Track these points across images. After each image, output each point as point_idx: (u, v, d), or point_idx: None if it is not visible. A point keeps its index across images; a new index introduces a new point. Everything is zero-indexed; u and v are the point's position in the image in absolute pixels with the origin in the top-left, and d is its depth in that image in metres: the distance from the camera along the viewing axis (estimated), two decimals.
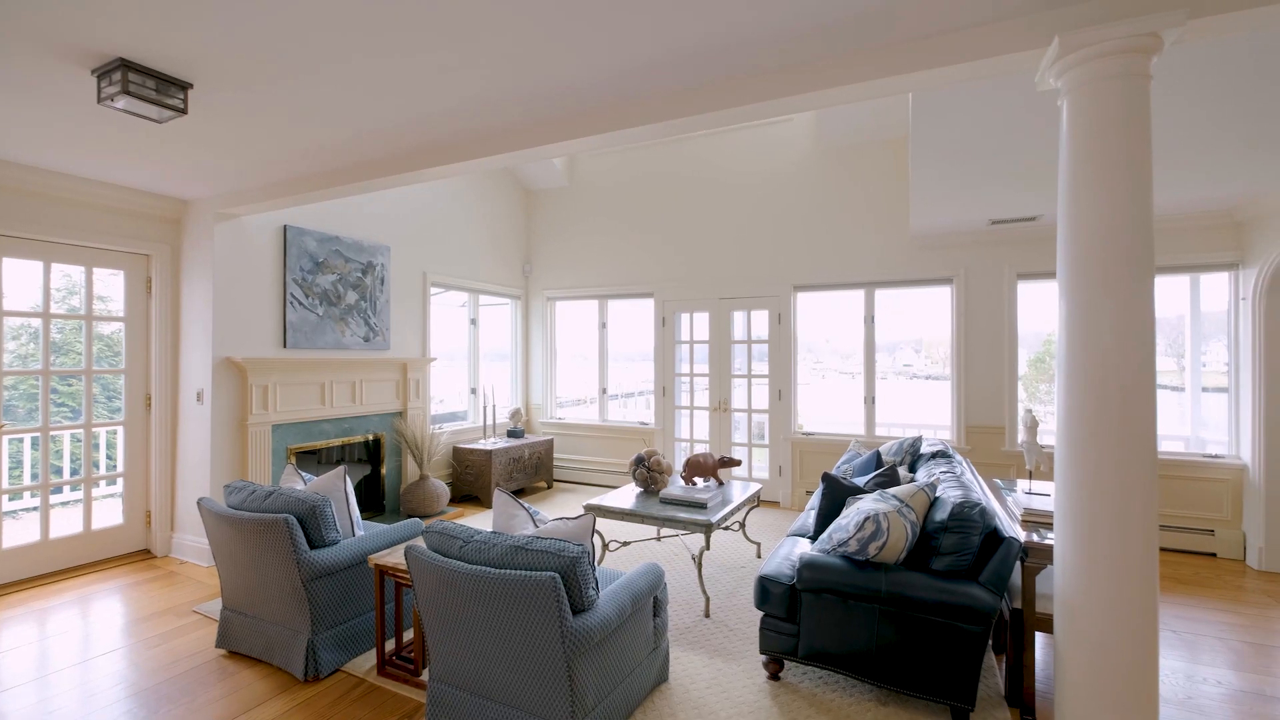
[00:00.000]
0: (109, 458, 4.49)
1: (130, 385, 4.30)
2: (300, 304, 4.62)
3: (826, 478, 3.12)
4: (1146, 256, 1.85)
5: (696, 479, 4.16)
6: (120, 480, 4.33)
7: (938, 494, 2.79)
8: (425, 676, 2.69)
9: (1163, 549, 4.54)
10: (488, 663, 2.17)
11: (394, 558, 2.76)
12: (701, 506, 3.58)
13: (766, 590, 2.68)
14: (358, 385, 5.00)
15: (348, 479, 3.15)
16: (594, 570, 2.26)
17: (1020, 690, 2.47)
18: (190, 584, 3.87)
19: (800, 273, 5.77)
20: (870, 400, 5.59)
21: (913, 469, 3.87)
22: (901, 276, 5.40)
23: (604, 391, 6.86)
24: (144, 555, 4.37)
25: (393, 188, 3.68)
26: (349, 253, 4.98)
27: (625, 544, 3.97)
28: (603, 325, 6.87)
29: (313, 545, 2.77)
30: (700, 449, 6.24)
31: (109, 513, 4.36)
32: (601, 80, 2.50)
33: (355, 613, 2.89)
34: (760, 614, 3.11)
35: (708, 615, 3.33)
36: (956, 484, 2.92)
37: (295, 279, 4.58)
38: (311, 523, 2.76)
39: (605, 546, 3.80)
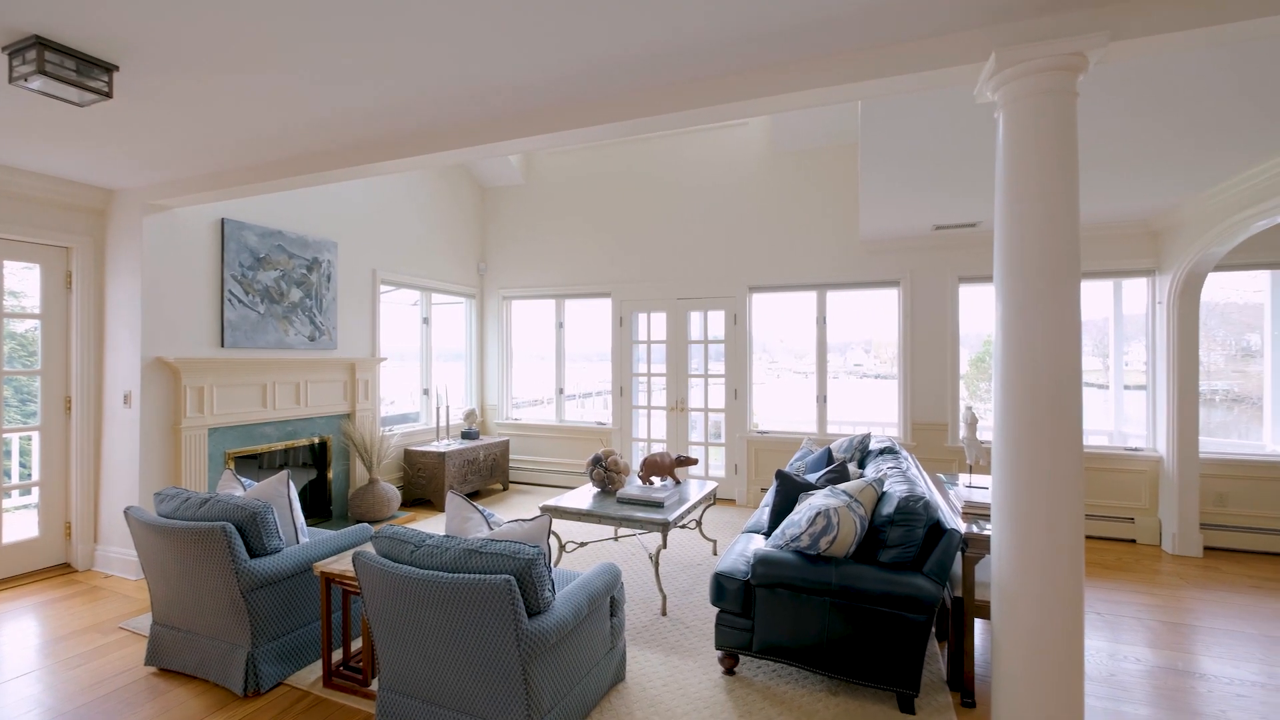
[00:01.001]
0: (23, 465, 4.16)
1: (47, 387, 4.00)
2: (240, 301, 4.40)
3: (780, 475, 3.19)
4: (1073, 262, 1.97)
5: (654, 478, 4.18)
6: (36, 490, 4.02)
7: (885, 489, 2.89)
8: (375, 686, 2.60)
9: (1088, 536, 4.84)
10: (440, 669, 2.12)
11: (341, 565, 2.66)
12: (658, 506, 3.60)
13: (722, 587, 2.72)
14: (302, 386, 4.80)
15: (291, 484, 3.02)
16: (550, 572, 2.24)
17: (961, 674, 2.59)
18: (116, 599, 3.63)
19: (755, 274, 5.87)
20: (822, 399, 5.75)
21: (862, 465, 3.99)
22: (852, 279, 5.57)
23: (561, 392, 6.81)
24: (64, 570, 4.07)
25: (339, 182, 3.55)
26: (293, 248, 4.77)
27: (582, 544, 3.95)
28: (560, 325, 6.82)
29: (253, 554, 2.64)
30: (657, 448, 6.28)
31: (23, 525, 4.04)
32: (555, 79, 2.48)
33: (300, 623, 2.78)
34: (716, 610, 3.15)
35: (665, 613, 3.35)
36: (902, 479, 3.03)
37: (234, 275, 4.36)
38: (251, 530, 2.63)
39: (562, 548, 3.78)
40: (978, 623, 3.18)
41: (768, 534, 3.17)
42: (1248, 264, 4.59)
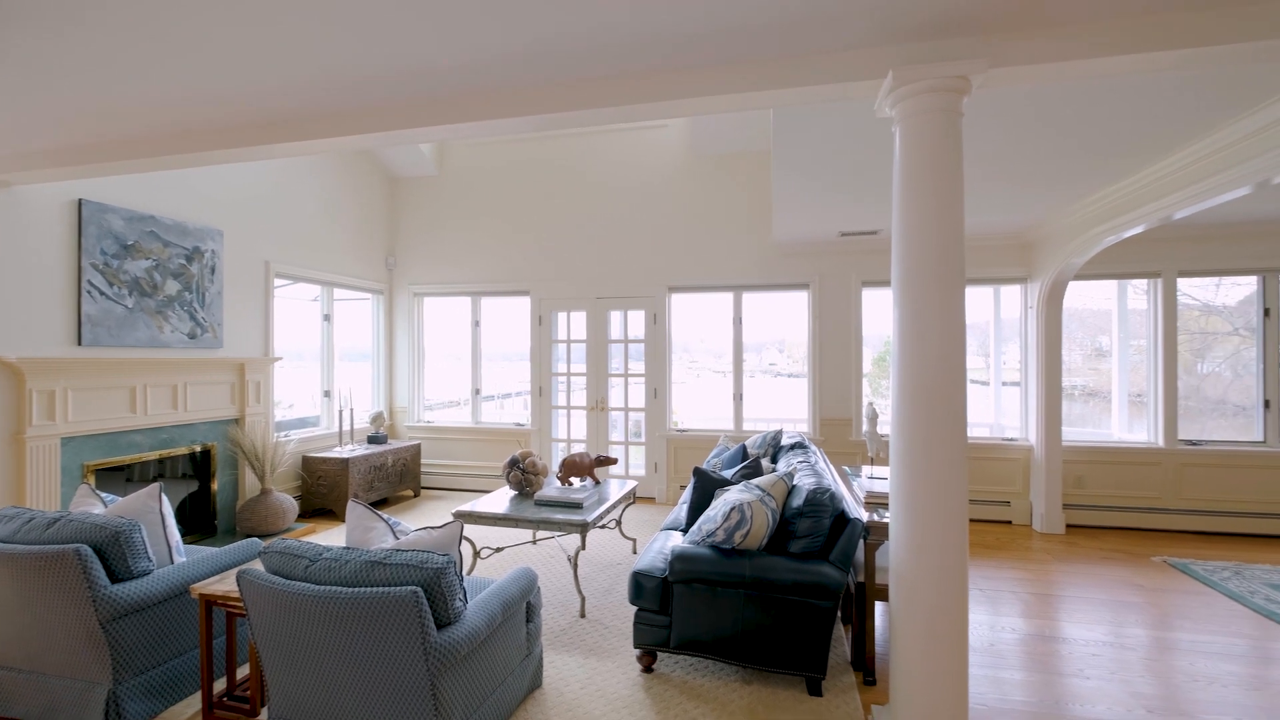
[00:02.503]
0: None
1: None
2: (102, 294, 3.89)
3: (697, 472, 3.24)
4: (959, 269, 2.13)
5: (573, 479, 4.13)
6: None
7: (795, 482, 3.01)
8: (264, 716, 2.38)
9: (971, 520, 5.30)
10: (339, 692, 1.98)
11: (225, 585, 2.42)
12: (577, 507, 3.55)
13: (640, 585, 2.72)
14: (181, 389, 4.33)
15: (164, 498, 2.71)
16: (461, 580, 2.14)
17: (863, 655, 2.75)
18: None
19: (675, 274, 5.96)
20: (738, 397, 5.92)
21: (774, 460, 4.15)
22: (766, 281, 5.79)
23: (477, 392, 6.59)
24: None
25: (222, 164, 3.23)
26: (169, 235, 4.29)
27: (498, 550, 3.83)
28: (476, 323, 6.60)
29: (115, 579, 2.34)
30: (578, 449, 6.22)
31: None
32: (468, 65, 2.38)
33: (174, 652, 2.49)
34: (635, 609, 3.15)
35: (584, 615, 3.31)
36: (811, 472, 3.17)
37: (95, 264, 3.86)
38: (114, 552, 2.33)
39: (476, 554, 3.64)
40: (878, 605, 3.39)
41: (685, 530, 3.22)
42: (1100, 274, 5.21)
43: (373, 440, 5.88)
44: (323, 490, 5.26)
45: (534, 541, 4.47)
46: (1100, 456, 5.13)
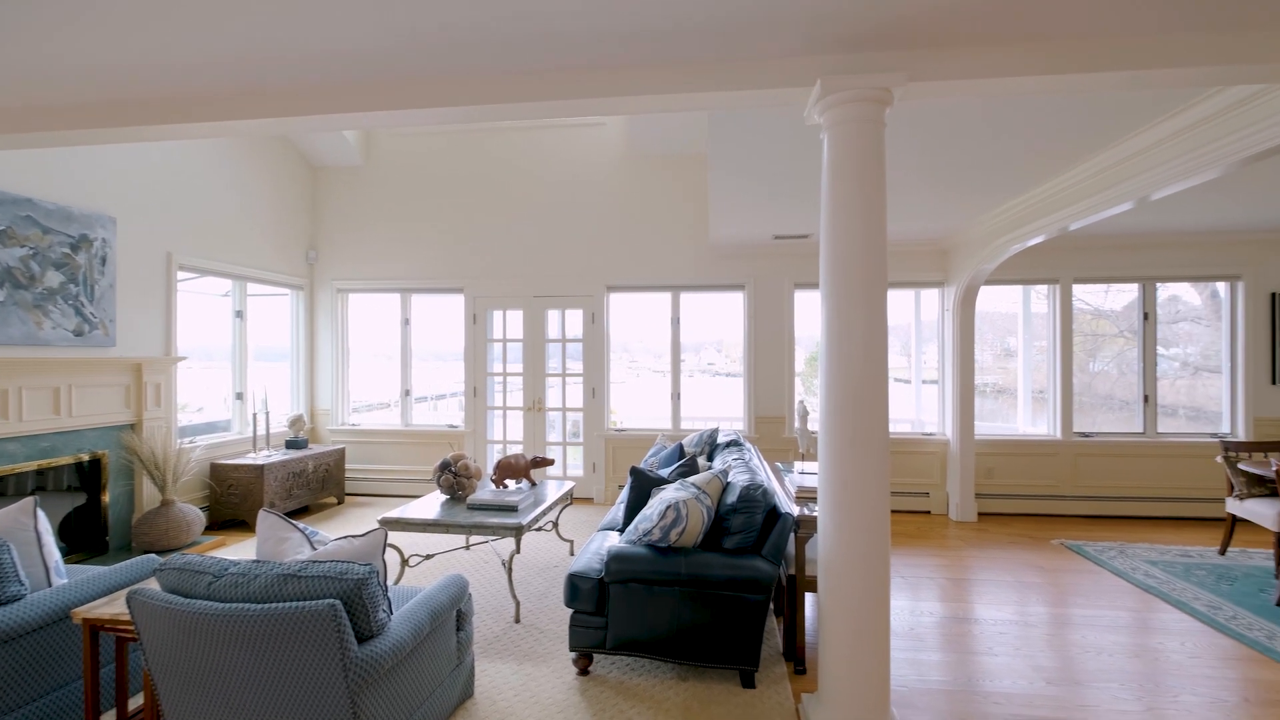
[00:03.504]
0: None
1: None
2: None
3: (634, 471, 3.24)
4: (882, 273, 2.23)
5: (508, 481, 4.03)
6: None
7: (730, 479, 3.06)
8: None
9: (894, 511, 5.59)
10: (246, 718, 1.83)
11: (114, 607, 2.19)
12: (512, 509, 3.47)
13: (576, 587, 2.69)
14: (65, 392, 3.90)
15: (40, 513, 2.43)
16: (386, 591, 2.04)
17: (794, 645, 2.83)
18: None
19: (613, 274, 5.94)
20: (676, 396, 5.98)
21: (711, 458, 4.21)
22: (703, 281, 5.87)
23: (408, 393, 6.33)
24: None
25: (113, 144, 2.93)
26: (50, 221, 3.86)
27: (428, 557, 3.69)
28: (406, 322, 6.33)
29: None
30: (514, 450, 6.09)
31: None
32: (389, 49, 2.27)
33: (54, 685, 2.24)
34: (571, 612, 3.11)
35: (518, 621, 3.24)
36: (745, 469, 3.24)
37: None
38: None
39: (405, 562, 3.49)
40: (808, 597, 3.50)
41: (622, 530, 3.21)
42: (1007, 280, 5.61)
43: (292, 445, 5.53)
44: (234, 500, 4.89)
45: (467, 547, 4.33)
46: (1007, 449, 5.53)
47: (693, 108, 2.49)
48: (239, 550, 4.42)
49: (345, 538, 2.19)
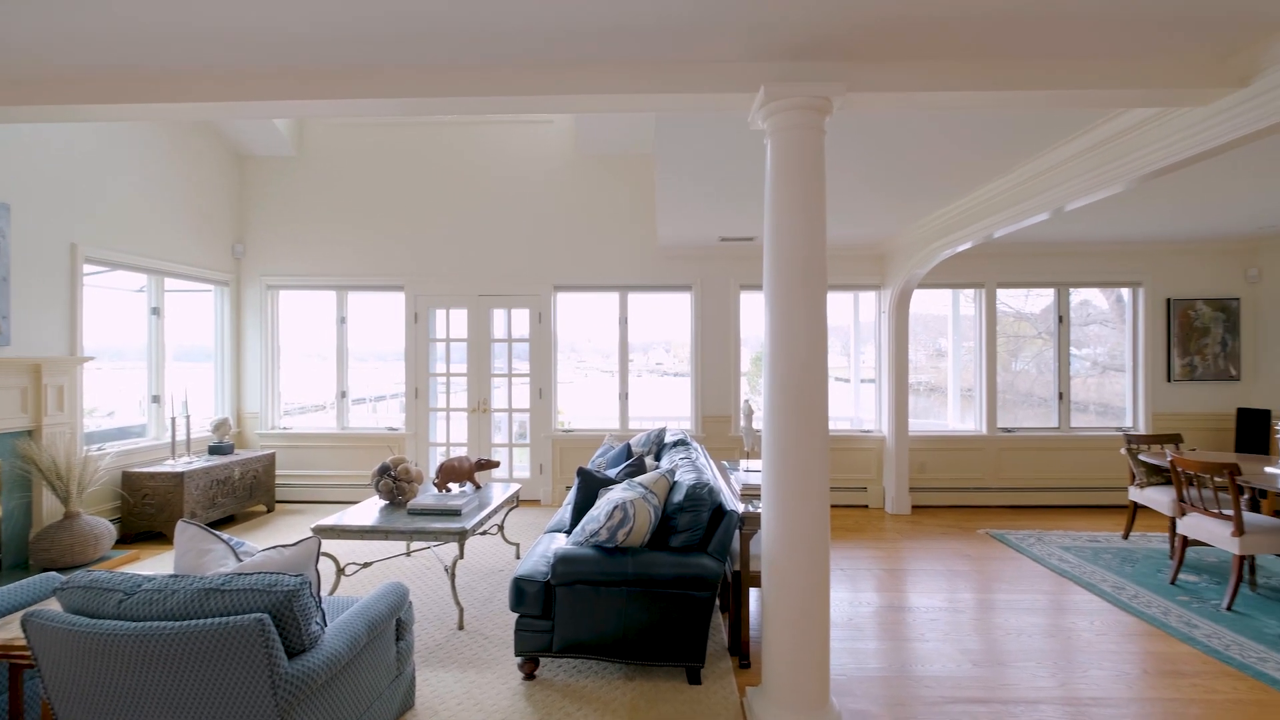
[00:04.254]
0: None
1: None
2: None
3: (581, 472, 3.22)
4: (822, 275, 2.30)
5: (451, 485, 3.93)
6: None
7: (677, 478, 3.08)
8: None
9: (833, 505, 5.79)
10: None
11: (7, 632, 2.00)
12: (455, 514, 3.38)
13: (521, 591, 2.64)
14: None
15: None
16: (319, 602, 1.94)
17: (739, 640, 2.88)
18: None
19: (560, 273, 5.89)
20: (624, 396, 5.99)
21: (658, 457, 4.24)
22: (651, 282, 5.90)
23: (344, 395, 6.06)
24: None
25: (4, 123, 2.68)
26: None
27: (366, 565, 3.54)
28: (342, 320, 6.07)
29: None
30: (458, 453, 5.94)
31: None
32: (327, 38, 2.17)
33: None
34: (516, 616, 3.06)
35: (462, 627, 3.16)
36: (692, 468, 3.27)
37: None
38: None
39: (341, 571, 3.34)
40: (753, 592, 3.57)
41: (569, 531, 3.18)
42: (938, 284, 5.92)
43: (216, 451, 5.20)
44: (150, 511, 4.55)
45: (408, 554, 4.19)
46: (939, 444, 5.82)
47: (639, 109, 2.50)
48: (155, 565, 4.11)
49: (275, 548, 2.08)
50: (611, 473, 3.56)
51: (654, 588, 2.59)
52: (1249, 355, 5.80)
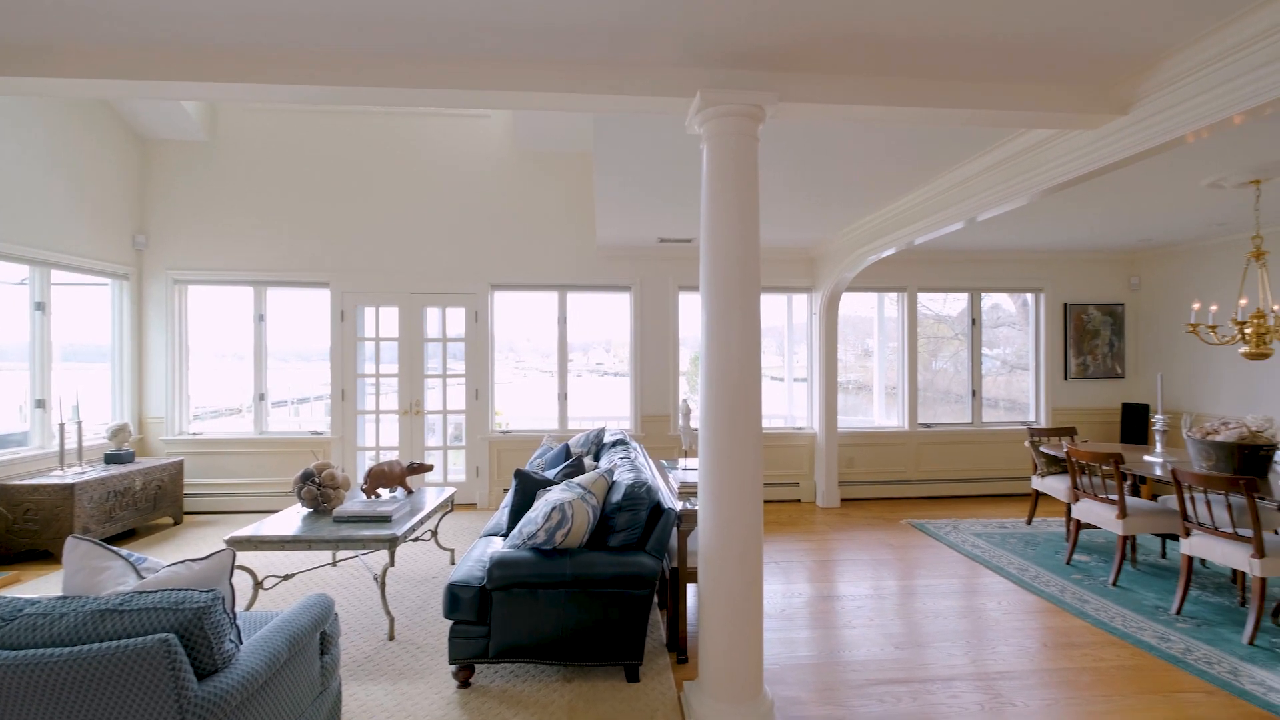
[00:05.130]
0: None
1: None
2: None
3: (519, 474, 3.17)
4: (755, 277, 2.37)
5: (381, 490, 3.77)
6: None
7: (615, 478, 3.09)
8: None
9: (766, 500, 5.97)
10: None
11: None
12: (385, 520, 3.25)
13: (456, 597, 2.58)
14: None
15: None
16: (233, 618, 1.82)
17: (677, 636, 2.92)
18: None
19: (498, 271, 5.77)
20: (563, 397, 5.94)
21: (597, 458, 4.23)
22: (591, 282, 5.88)
23: (262, 398, 5.70)
24: None
25: None
26: None
27: (287, 577, 3.35)
28: (260, 318, 5.70)
29: None
30: (390, 456, 5.71)
31: None
32: (240, 15, 2.03)
33: None
34: (451, 623, 2.98)
35: (392, 638, 3.04)
36: (631, 468, 3.29)
37: None
38: None
39: (259, 585, 3.14)
40: (690, 588, 3.64)
41: (506, 535, 3.13)
42: (865, 287, 6.22)
43: (114, 459, 4.76)
44: (32, 528, 4.11)
45: (334, 564, 3.99)
46: (865, 440, 6.12)
47: (576, 109, 2.49)
48: (40, 587, 3.72)
49: (183, 562, 1.93)
50: (550, 474, 3.52)
51: (592, 588, 2.59)
52: (1132, 355, 6.43)
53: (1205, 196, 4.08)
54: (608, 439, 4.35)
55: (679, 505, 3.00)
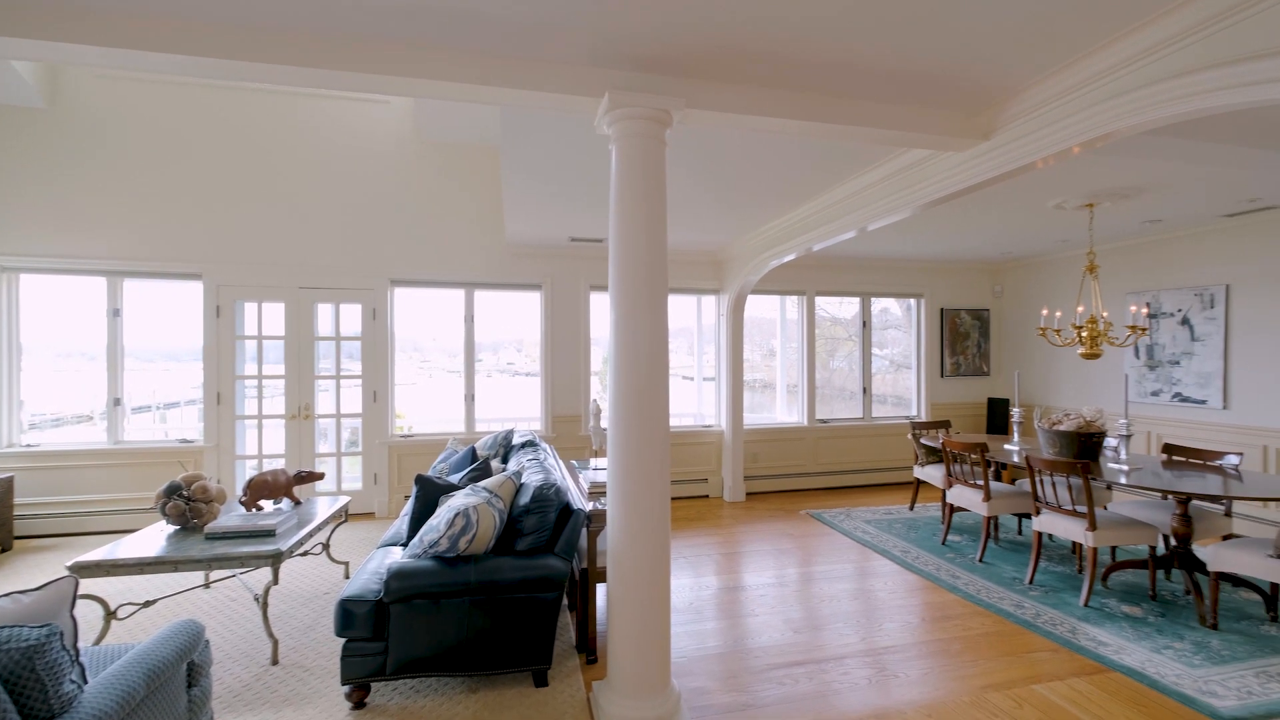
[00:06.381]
0: None
1: None
2: None
3: (420, 479, 3.03)
4: (662, 279, 2.40)
5: (264, 502, 3.46)
6: None
7: (523, 480, 3.03)
8: None
9: (676, 497, 6.11)
10: None
11: None
12: (268, 535, 2.98)
13: (349, 613, 2.41)
14: None
15: None
16: (75, 655, 1.60)
17: (586, 637, 2.91)
18: None
19: (399, 267, 5.48)
20: (470, 398, 5.74)
21: (506, 460, 4.13)
22: (499, 280, 5.73)
23: (118, 403, 5.04)
24: None
25: None
26: None
27: (148, 604, 2.97)
28: (115, 313, 5.04)
29: None
30: (277, 465, 5.25)
31: None
32: None
33: None
34: (344, 641, 2.79)
35: (276, 662, 2.79)
36: (540, 469, 3.24)
37: None
38: None
39: (111, 615, 2.76)
40: (600, 588, 3.63)
41: (406, 544, 2.97)
42: (769, 290, 6.51)
43: None
44: None
45: (207, 585, 3.61)
46: (769, 436, 6.42)
47: (481, 101, 2.41)
48: None
49: (10, 595, 1.66)
50: (454, 478, 3.39)
51: (499, 594, 2.52)
52: (996, 355, 7.20)
53: (1052, 216, 4.65)
54: (517, 440, 4.26)
55: (589, 505, 3.00)
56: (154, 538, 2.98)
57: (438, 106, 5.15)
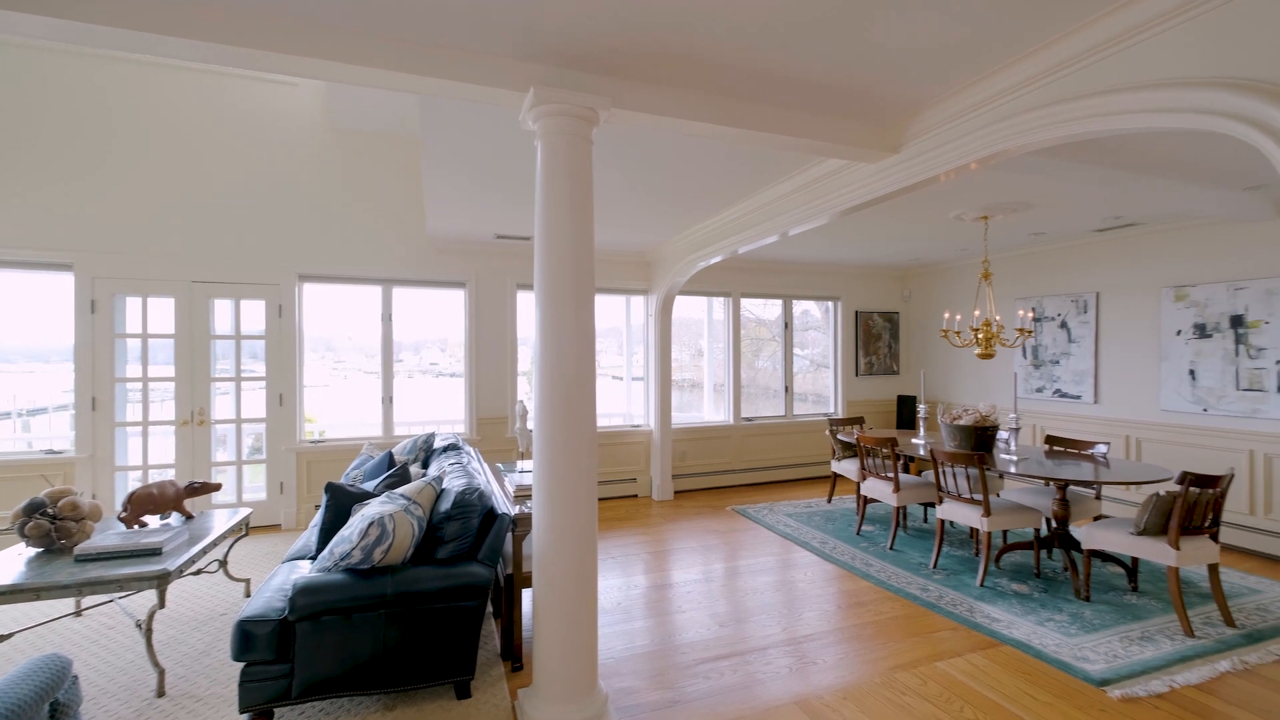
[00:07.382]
0: None
1: None
2: None
3: (330, 488, 2.84)
4: (589, 278, 2.38)
5: (149, 518, 3.13)
6: None
7: (444, 485, 2.91)
8: None
9: (605, 497, 6.10)
10: None
11: None
12: (153, 554, 2.70)
13: (249, 634, 2.22)
14: None
15: None
16: None
17: (512, 644, 2.84)
18: None
19: (308, 261, 5.13)
20: (388, 400, 5.47)
21: (426, 465, 3.96)
22: (420, 276, 5.49)
23: None
24: None
25: None
26: None
27: (4, 638, 2.62)
28: None
29: None
30: (166, 476, 4.77)
31: None
32: None
33: None
34: (243, 665, 2.57)
35: (162, 694, 2.53)
36: (463, 473, 3.12)
37: None
38: None
39: None
40: (525, 593, 3.56)
41: (315, 557, 2.78)
42: (696, 291, 6.63)
43: None
44: None
45: (78, 613, 3.22)
46: (696, 434, 6.53)
47: (399, 89, 2.29)
48: None
49: None
50: (369, 485, 3.21)
51: (418, 604, 2.41)
52: (905, 355, 7.69)
53: (953, 226, 5.02)
54: (438, 444, 4.09)
55: (515, 509, 2.92)
56: (11, 563, 2.62)
57: (352, 93, 4.86)
